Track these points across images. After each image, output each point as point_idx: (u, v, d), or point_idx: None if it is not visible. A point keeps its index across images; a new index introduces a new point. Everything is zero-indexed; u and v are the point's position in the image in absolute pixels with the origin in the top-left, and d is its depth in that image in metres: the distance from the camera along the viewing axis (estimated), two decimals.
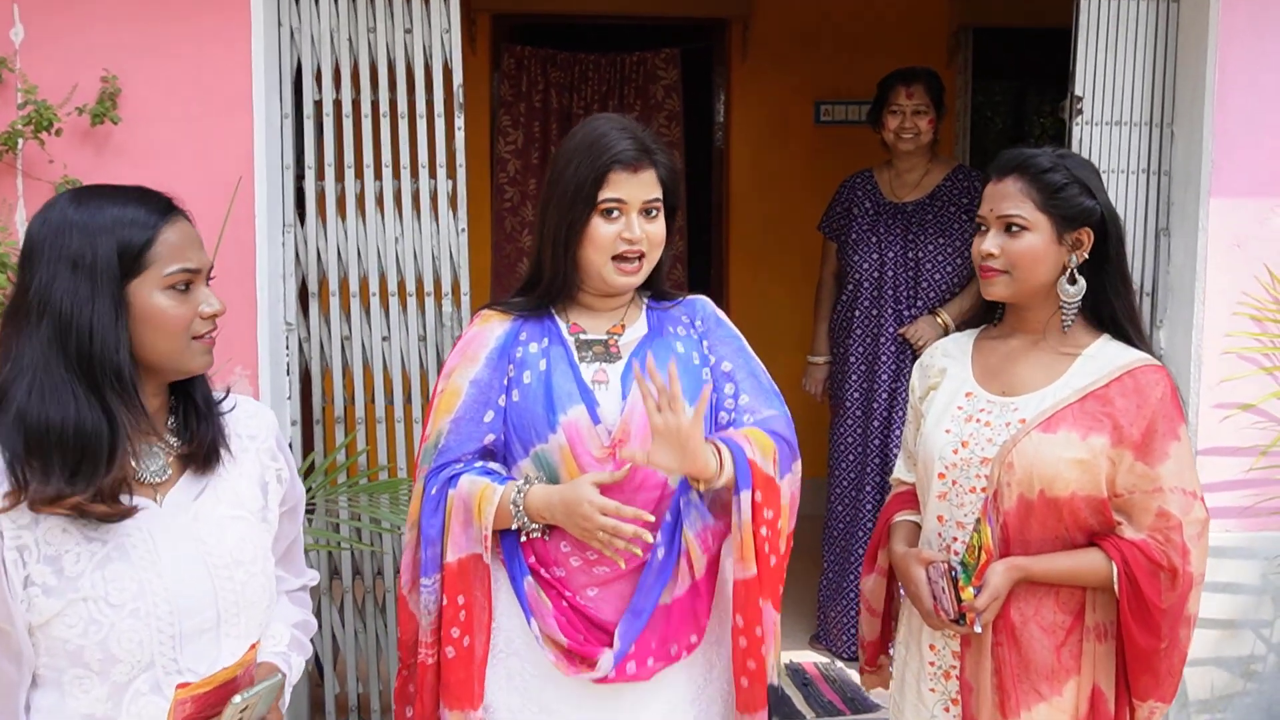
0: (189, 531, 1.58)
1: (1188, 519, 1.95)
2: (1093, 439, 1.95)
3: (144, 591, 1.51)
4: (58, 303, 1.47)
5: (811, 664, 3.98)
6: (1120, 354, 2.03)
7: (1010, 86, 7.62)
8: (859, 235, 3.95)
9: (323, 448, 3.20)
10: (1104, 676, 2.01)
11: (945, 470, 2.07)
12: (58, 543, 1.48)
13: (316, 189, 3.14)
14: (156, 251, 1.52)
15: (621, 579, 1.99)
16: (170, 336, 1.53)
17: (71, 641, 1.48)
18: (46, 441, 1.45)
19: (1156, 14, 3.32)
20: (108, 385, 1.48)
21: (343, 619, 3.27)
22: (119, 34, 2.92)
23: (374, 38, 3.10)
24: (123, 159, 2.93)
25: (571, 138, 2.06)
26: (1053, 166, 2.02)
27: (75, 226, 1.49)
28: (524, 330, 2.08)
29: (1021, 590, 1.99)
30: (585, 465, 1.97)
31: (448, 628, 2.00)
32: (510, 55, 5.55)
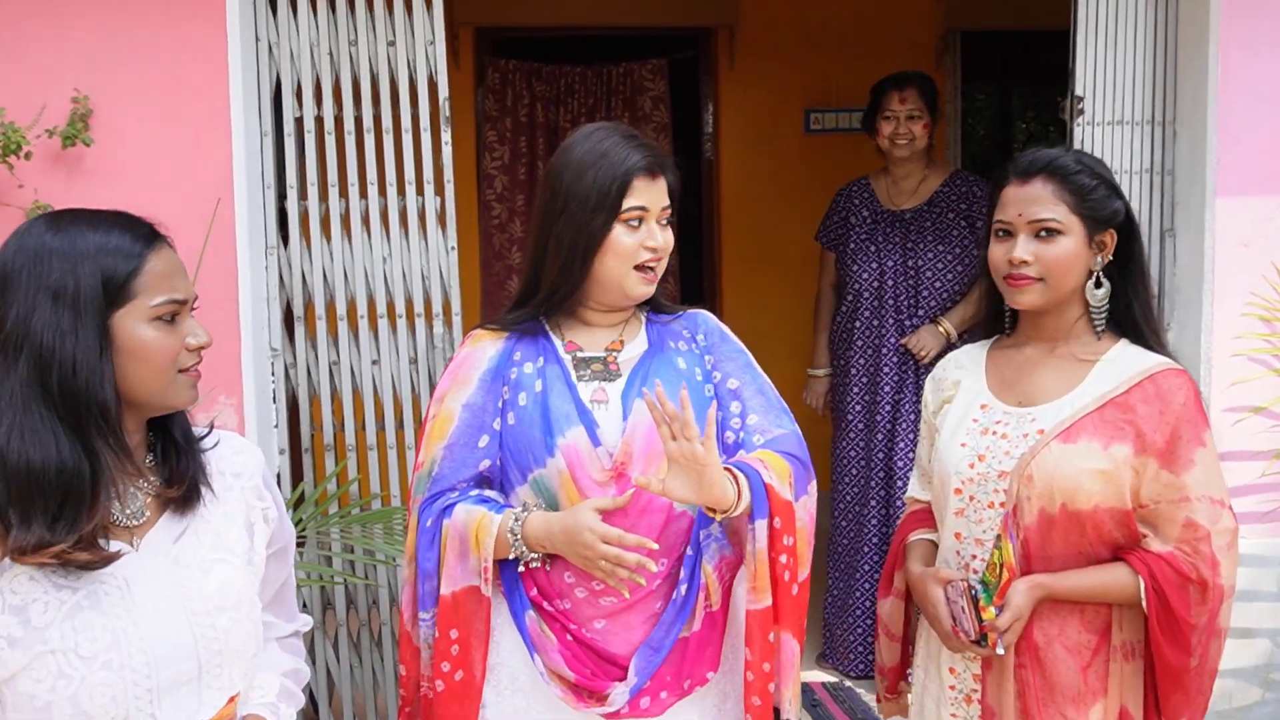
0: (168, 576, 1.49)
1: (1216, 529, 1.88)
2: (1115, 448, 1.88)
3: (118, 642, 1.42)
4: (37, 336, 1.38)
5: (820, 684, 3.89)
6: (1140, 358, 1.96)
7: (994, 90, 7.59)
8: (857, 245, 3.88)
9: (312, 477, 3.10)
10: (1132, 697, 1.94)
11: (962, 485, 2.00)
12: (24, 591, 1.40)
13: (299, 209, 3.05)
14: (142, 281, 1.44)
15: (629, 610, 1.91)
16: (156, 371, 1.46)
17: (39, 697, 1.39)
18: (27, 486, 1.37)
19: (1155, 11, 3.26)
20: (91, 423, 1.40)
21: (337, 654, 3.17)
22: (89, 52, 2.83)
23: (355, 51, 3.01)
24: (96, 182, 2.84)
25: (573, 147, 1.97)
26: (1080, 167, 1.96)
27: (55, 254, 1.40)
28: (518, 349, 2.00)
29: (1045, 609, 1.92)
30: (586, 490, 1.89)
31: (439, 661, 1.92)
32: (494, 69, 5.49)
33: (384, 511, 2.93)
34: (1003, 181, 2.01)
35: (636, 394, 1.94)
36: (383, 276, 3.05)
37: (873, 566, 3.83)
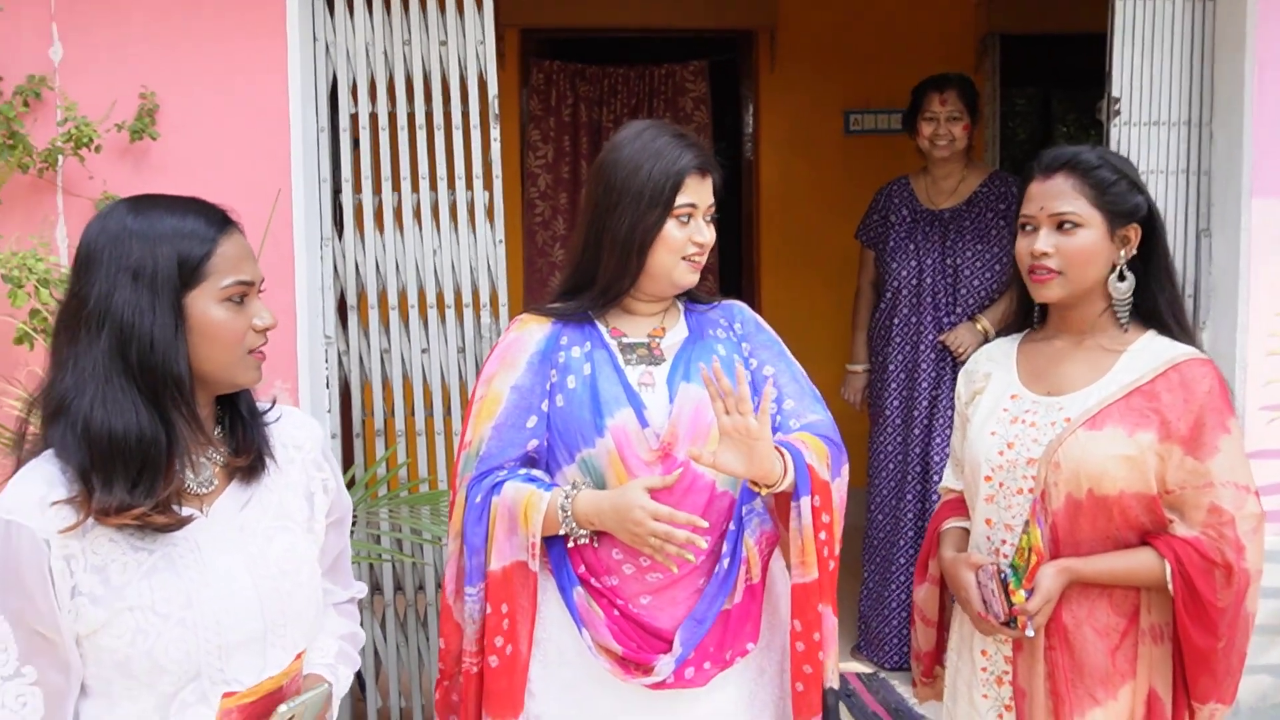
0: (235, 542, 1.57)
1: (1241, 514, 1.91)
2: (1140, 435, 1.93)
3: (191, 602, 1.50)
4: (118, 313, 1.46)
5: (854, 674, 3.95)
6: (1166, 349, 2.00)
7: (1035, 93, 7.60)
8: (897, 243, 3.94)
9: (363, 461, 3.20)
10: (1160, 679, 1.97)
11: (992, 473, 2.05)
12: (104, 552, 1.48)
13: (354, 202, 3.15)
14: (215, 263, 1.51)
15: (675, 585, 1.98)
16: (226, 348, 1.53)
17: (119, 651, 1.48)
18: (111, 452, 1.45)
19: (1193, 13, 3.29)
20: (167, 395, 1.48)
21: (384, 633, 3.26)
22: (156, 51, 2.95)
23: (409, 50, 3.12)
24: (161, 174, 2.94)
25: (624, 144, 2.05)
26: (1100, 163, 2.01)
27: (135, 236, 1.49)
28: (564, 334, 2.07)
29: (1074, 592, 1.96)
30: (634, 469, 1.96)
31: (491, 636, 1.98)
32: (539, 70, 5.57)
33: (431, 494, 3.02)
34: (1028, 178, 2.06)
35: (682, 378, 2.01)
36: (432, 268, 3.15)
37: (908, 560, 3.88)
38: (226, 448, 1.61)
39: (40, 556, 1.45)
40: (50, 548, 1.45)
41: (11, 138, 2.81)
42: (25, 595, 1.45)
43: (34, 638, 1.46)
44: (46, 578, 1.45)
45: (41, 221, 2.90)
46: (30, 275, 2.70)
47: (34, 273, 2.71)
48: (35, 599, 1.45)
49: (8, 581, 1.45)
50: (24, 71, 2.88)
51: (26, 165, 2.84)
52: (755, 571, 1.99)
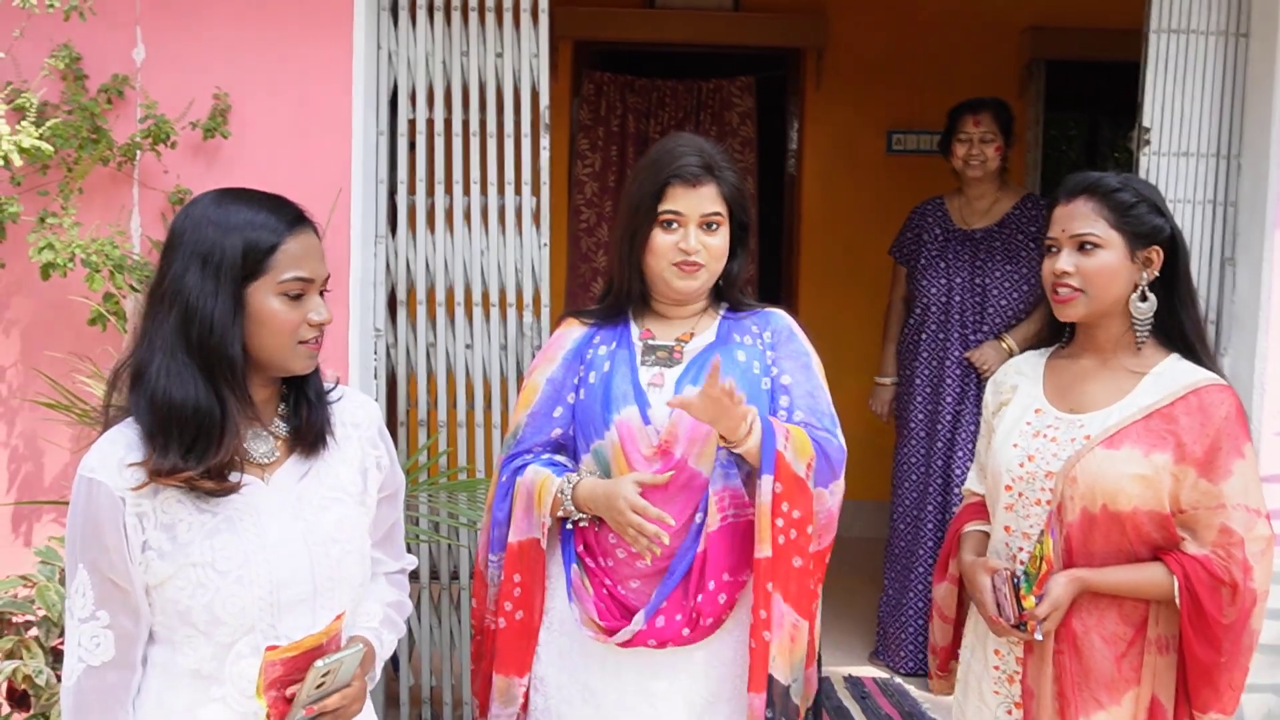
0: (292, 510, 1.70)
1: (1250, 535, 1.99)
2: (1155, 455, 2.00)
3: (248, 561, 1.63)
4: (186, 294, 1.60)
5: (870, 678, 4.05)
6: (1188, 373, 2.07)
7: (1083, 119, 7.64)
8: (928, 260, 4.04)
9: (405, 448, 3.35)
10: (1163, 688, 2.05)
11: (1012, 483, 2.14)
12: (173, 512, 1.61)
13: (408, 203, 3.31)
14: (277, 258, 1.62)
15: (662, 573, 2.12)
16: (278, 337, 1.64)
17: (181, 602, 1.61)
18: (169, 419, 1.58)
19: (1224, 49, 3.38)
20: (221, 375, 1.60)
21: (419, 615, 3.42)
22: (231, 55, 3.12)
23: (466, 61, 3.28)
24: (231, 171, 3.11)
25: (646, 155, 2.23)
26: (1121, 186, 2.09)
27: (211, 223, 1.62)
28: (599, 335, 2.25)
29: (1085, 601, 2.05)
30: (634, 462, 2.11)
31: (503, 600, 2.19)
32: (590, 81, 5.72)
33: (469, 482, 3.18)
34: (1054, 203, 2.16)
35: (690, 381, 2.14)
36: (480, 268, 3.31)
37: (926, 569, 3.99)
38: (289, 424, 1.74)
39: (117, 512, 1.59)
40: (125, 505, 1.59)
41: (95, 132, 2.99)
42: (102, 547, 1.59)
43: (108, 586, 1.61)
44: (121, 532, 1.59)
45: (119, 211, 3.08)
46: (106, 261, 2.88)
47: (110, 259, 2.88)
48: (110, 551, 1.59)
49: (88, 534, 1.60)
50: (109, 71, 3.06)
51: (107, 159, 3.02)
52: (713, 519, 2.09)
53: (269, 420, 1.73)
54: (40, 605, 2.44)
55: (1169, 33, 3.35)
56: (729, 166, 2.18)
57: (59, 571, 2.52)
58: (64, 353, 3.02)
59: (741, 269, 2.27)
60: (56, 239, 2.85)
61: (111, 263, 2.89)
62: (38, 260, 2.83)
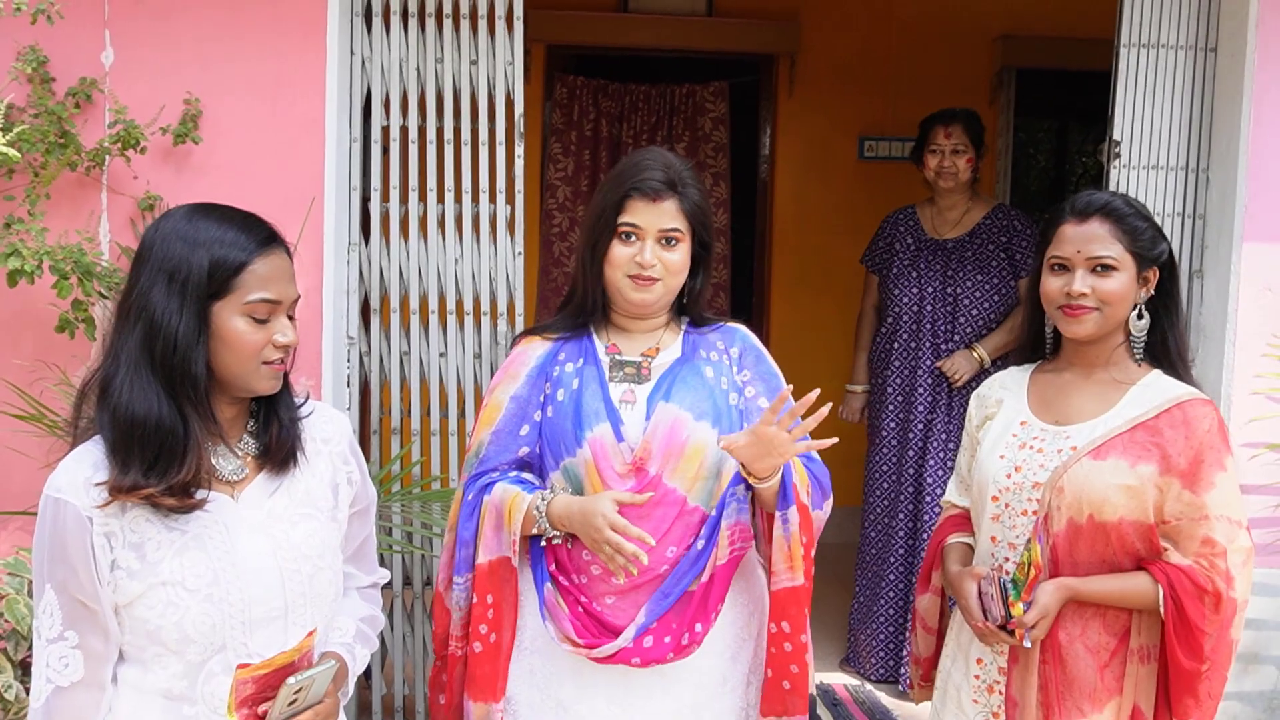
0: (262, 526, 1.68)
1: (1233, 546, 2.04)
2: (1141, 467, 2.05)
3: (218, 579, 1.62)
4: (151, 309, 1.58)
5: (841, 686, 4.07)
6: (1171, 388, 2.12)
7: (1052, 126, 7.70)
8: (900, 270, 4.06)
9: (379, 457, 3.34)
10: (1144, 697, 2.09)
11: (999, 494, 2.17)
12: (141, 530, 1.60)
13: (381, 210, 3.30)
14: (244, 279, 1.61)
15: (638, 589, 2.11)
16: (241, 358, 1.63)
17: (151, 621, 1.59)
18: (131, 435, 1.57)
19: (1194, 64, 3.42)
20: (184, 392, 1.59)
21: (392, 624, 3.40)
22: (202, 60, 3.09)
23: (441, 68, 3.26)
24: (202, 177, 3.09)
25: (615, 167, 2.24)
26: (1132, 211, 2.14)
27: (180, 239, 1.60)
28: (563, 351, 2.23)
29: (1069, 611, 2.08)
30: (608, 480, 2.10)
31: (476, 624, 2.14)
32: (563, 84, 5.71)
33: (443, 492, 3.16)
34: (1058, 219, 2.18)
35: (662, 397, 2.15)
36: (454, 276, 3.30)
37: (898, 576, 4.01)
38: (258, 441, 1.72)
39: (84, 532, 1.57)
40: (93, 524, 1.57)
41: (62, 136, 2.95)
42: (69, 567, 1.58)
43: (76, 606, 1.59)
44: (89, 552, 1.57)
45: (87, 217, 3.05)
46: (75, 268, 2.84)
47: (78, 265, 2.85)
48: (78, 571, 1.57)
49: (55, 554, 1.58)
50: (77, 74, 3.02)
51: (75, 163, 2.99)
52: (723, 554, 2.12)
53: (236, 437, 1.72)
54: (9, 618, 2.41)
55: (1139, 47, 3.39)
56: (694, 184, 2.19)
57: (27, 584, 2.49)
58: (30, 360, 2.99)
59: (704, 286, 2.28)
60: (23, 245, 2.81)
61: (80, 269, 2.86)
62: (4, 267, 2.79)
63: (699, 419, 2.13)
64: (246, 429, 1.73)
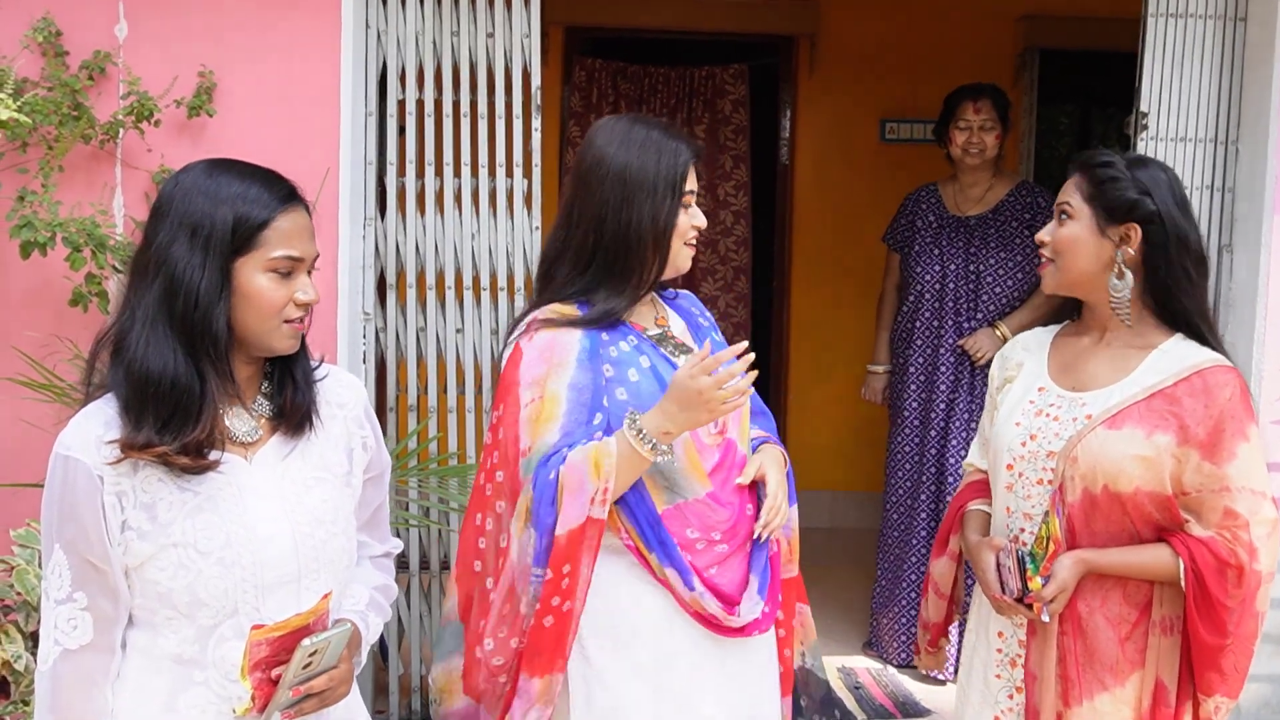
0: (275, 489, 1.65)
1: (1256, 518, 1.97)
2: (1158, 437, 1.99)
3: (230, 542, 1.59)
4: (172, 264, 1.55)
5: (864, 669, 4.03)
6: (1192, 354, 2.04)
7: (1074, 110, 7.63)
8: (922, 247, 4.01)
9: (395, 434, 3.31)
10: (1167, 670, 2.03)
11: (1014, 462, 2.12)
12: (153, 491, 1.57)
13: (397, 185, 3.27)
14: (268, 235, 1.58)
15: (732, 556, 2.10)
16: (263, 316, 1.60)
17: (162, 584, 1.56)
18: (145, 391, 1.54)
19: (1222, 33, 3.35)
20: (203, 350, 1.56)
21: (409, 603, 3.38)
22: (216, 32, 3.07)
23: (456, 41, 3.23)
24: (216, 150, 3.04)
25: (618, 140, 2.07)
26: (1109, 163, 2.08)
27: (202, 193, 1.57)
28: (602, 333, 2.06)
29: (1089, 582, 2.03)
30: (702, 451, 2.07)
31: (548, 598, 1.97)
32: (581, 67, 5.68)
33: (460, 467, 3.14)
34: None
35: None
36: (470, 251, 3.27)
37: (920, 559, 3.96)
38: (272, 403, 1.69)
39: (94, 491, 1.54)
40: (103, 483, 1.54)
41: (76, 109, 2.93)
42: (79, 526, 1.55)
43: (86, 566, 1.56)
44: (99, 511, 1.54)
45: (101, 190, 3.03)
46: (88, 240, 2.83)
47: (92, 238, 2.83)
48: (88, 530, 1.55)
49: (65, 513, 1.55)
50: (90, 47, 3.00)
51: (89, 136, 2.97)
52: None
53: (251, 398, 1.69)
54: (19, 589, 2.39)
55: (1167, 17, 3.33)
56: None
57: (38, 555, 2.47)
58: (44, 333, 2.97)
59: None
60: (36, 217, 2.79)
61: (93, 242, 2.84)
62: (17, 239, 2.78)
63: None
64: (261, 390, 1.70)
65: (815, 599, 2.38)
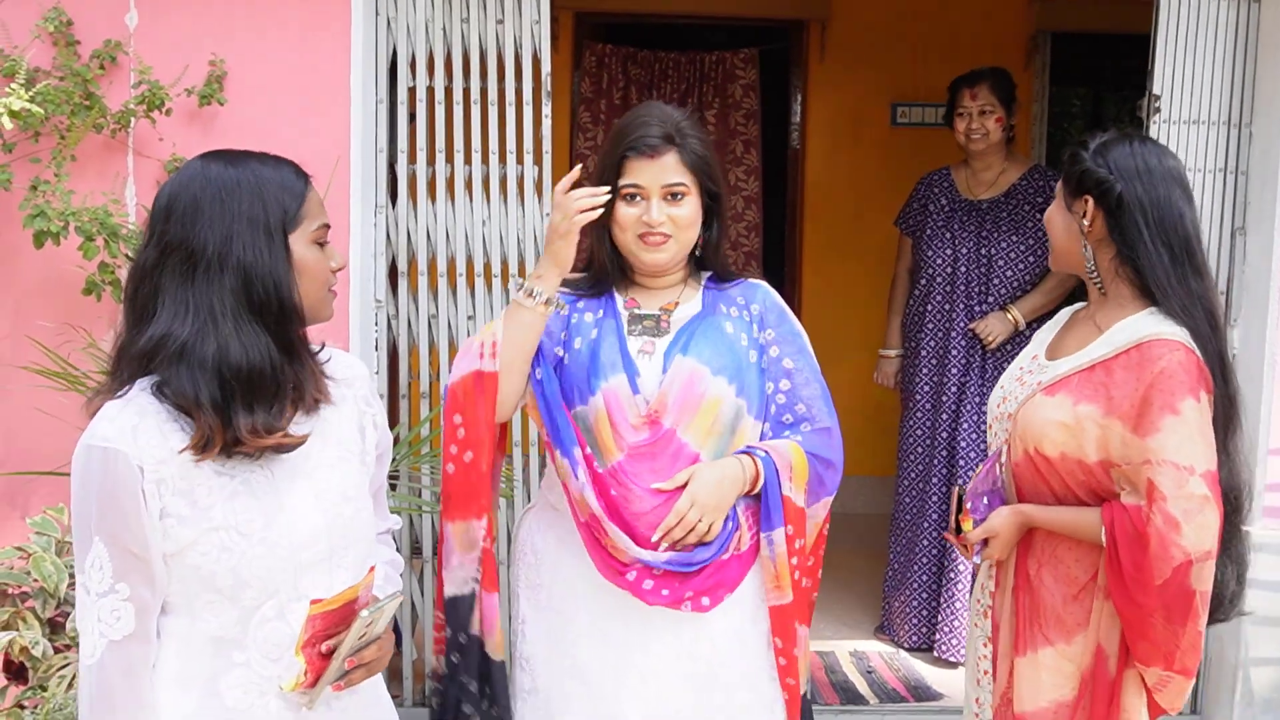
0: (302, 470, 1.68)
1: (1179, 493, 1.94)
2: (1082, 406, 2.05)
3: (270, 523, 1.61)
4: (242, 256, 1.58)
5: (876, 653, 4.03)
6: (1147, 327, 2.04)
7: (1086, 93, 7.60)
8: (934, 231, 4.00)
9: (407, 421, 3.32)
10: (1107, 636, 2.08)
11: (992, 422, 2.28)
12: (190, 477, 1.58)
13: (408, 172, 3.27)
14: (306, 208, 1.65)
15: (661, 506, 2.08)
16: (317, 285, 1.68)
17: (205, 568, 1.58)
18: (250, 383, 1.58)
19: (1236, 15, 3.33)
20: (292, 328, 1.62)
21: (423, 588, 3.39)
22: (227, 20, 3.07)
23: (466, 28, 3.23)
24: (227, 139, 3.06)
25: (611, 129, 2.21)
26: (1080, 144, 2.14)
27: (243, 185, 1.61)
28: (581, 301, 2.21)
29: (1040, 540, 2.15)
30: (620, 429, 2.08)
31: (448, 445, 2.12)
32: (591, 53, 5.67)
33: None
34: None
35: (680, 350, 2.13)
36: (481, 238, 3.27)
37: (931, 543, 3.96)
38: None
39: (135, 481, 1.55)
40: (144, 473, 1.55)
41: (88, 99, 2.94)
42: (121, 518, 1.56)
43: (127, 557, 1.57)
44: (140, 501, 1.55)
45: (113, 179, 3.04)
46: (101, 229, 2.84)
47: (105, 227, 2.84)
48: (129, 521, 1.56)
49: (105, 505, 1.56)
50: (101, 36, 3.01)
51: (101, 125, 2.98)
52: (744, 540, 2.12)
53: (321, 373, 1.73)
54: (36, 576, 2.41)
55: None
56: (694, 134, 2.15)
57: (55, 542, 2.49)
58: (58, 322, 2.99)
59: (720, 236, 2.23)
60: (49, 206, 2.80)
61: (106, 231, 2.85)
62: (30, 228, 2.79)
63: (717, 374, 2.11)
64: None
65: (827, 584, 2.38)
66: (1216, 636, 3.32)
